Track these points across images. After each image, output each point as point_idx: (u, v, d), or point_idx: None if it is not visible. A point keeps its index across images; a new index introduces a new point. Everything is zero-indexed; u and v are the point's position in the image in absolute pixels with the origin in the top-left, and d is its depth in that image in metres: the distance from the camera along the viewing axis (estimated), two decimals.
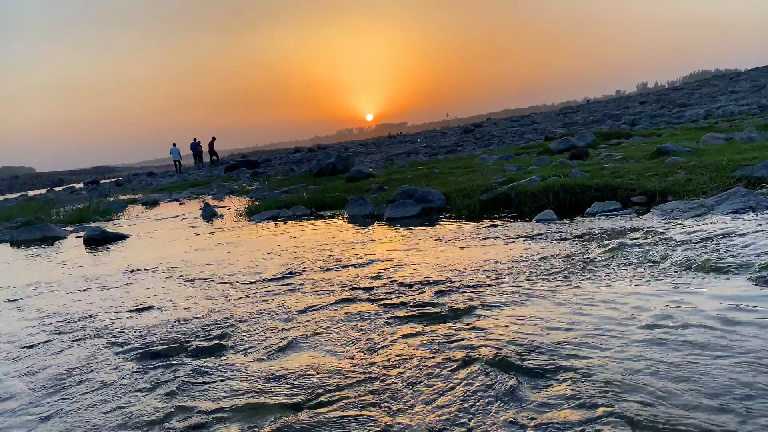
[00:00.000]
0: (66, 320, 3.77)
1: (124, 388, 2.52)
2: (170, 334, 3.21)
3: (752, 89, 28.90)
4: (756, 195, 4.70)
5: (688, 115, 19.98)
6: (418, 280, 3.80)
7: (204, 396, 2.34)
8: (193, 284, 4.44)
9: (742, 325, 2.39)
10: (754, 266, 3.09)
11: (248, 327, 3.18)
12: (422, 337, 2.72)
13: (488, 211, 6.40)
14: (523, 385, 2.12)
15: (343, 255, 4.94)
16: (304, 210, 8.37)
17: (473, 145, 22.05)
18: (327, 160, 14.87)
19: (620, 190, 5.84)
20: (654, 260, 3.55)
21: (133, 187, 26.04)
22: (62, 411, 2.35)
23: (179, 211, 11.30)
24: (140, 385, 2.53)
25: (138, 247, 6.85)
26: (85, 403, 2.39)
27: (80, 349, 3.14)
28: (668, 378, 2.01)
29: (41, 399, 2.50)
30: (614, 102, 44.89)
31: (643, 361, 2.16)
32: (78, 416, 2.28)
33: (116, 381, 2.60)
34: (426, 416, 1.97)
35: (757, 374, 1.96)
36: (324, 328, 3.03)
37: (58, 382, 2.66)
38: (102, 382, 2.61)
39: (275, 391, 2.31)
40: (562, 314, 2.79)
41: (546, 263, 3.85)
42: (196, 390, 2.40)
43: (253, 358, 2.71)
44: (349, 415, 2.05)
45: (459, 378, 2.24)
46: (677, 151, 7.33)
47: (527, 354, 2.36)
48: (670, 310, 2.65)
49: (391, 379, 2.30)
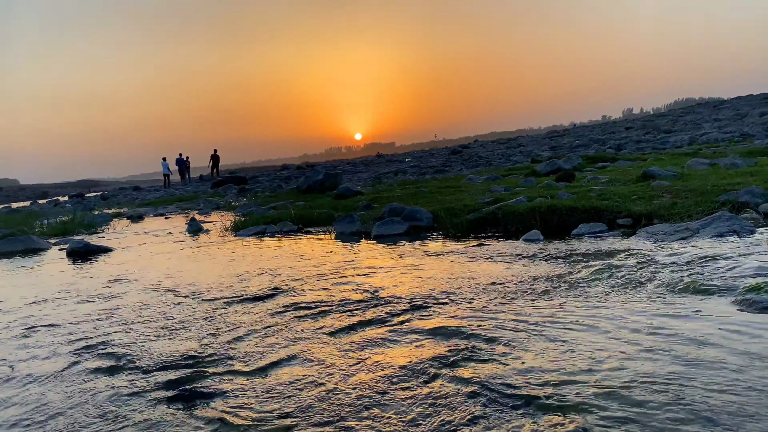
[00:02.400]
0: (32, 329, 3.69)
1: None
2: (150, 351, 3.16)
3: (735, 117, 29.46)
4: (740, 219, 4.76)
5: (673, 141, 20.29)
6: (398, 295, 3.77)
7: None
8: (175, 299, 4.38)
9: (719, 345, 2.40)
10: (738, 289, 3.11)
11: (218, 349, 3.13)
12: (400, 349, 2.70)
13: (475, 230, 6.41)
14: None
15: (328, 271, 4.90)
16: (291, 226, 8.33)
17: (461, 166, 22.18)
18: (315, 177, 14.87)
19: (606, 213, 5.88)
20: (640, 281, 3.56)
21: (118, 201, 25.77)
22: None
23: (165, 226, 11.19)
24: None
25: (121, 261, 6.76)
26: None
27: (56, 359, 3.07)
28: (643, 390, 2.00)
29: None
30: (600, 127, 45.51)
31: (618, 374, 2.15)
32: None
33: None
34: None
35: (734, 390, 1.96)
36: (307, 351, 3.00)
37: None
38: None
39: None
40: (546, 332, 2.78)
41: (532, 283, 3.84)
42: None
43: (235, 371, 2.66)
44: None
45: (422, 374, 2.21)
46: (663, 175, 7.41)
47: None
48: (653, 329, 2.65)
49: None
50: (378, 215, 7.62)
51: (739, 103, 40.79)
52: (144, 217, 14.31)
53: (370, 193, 11.99)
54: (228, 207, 14.65)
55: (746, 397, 1.94)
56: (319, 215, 8.76)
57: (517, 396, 2.13)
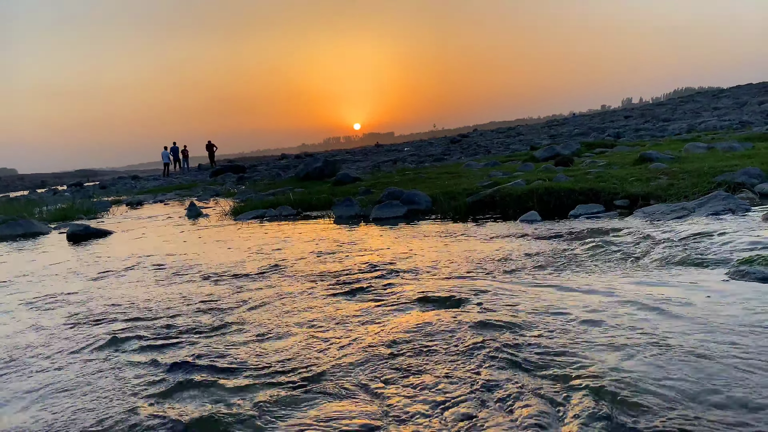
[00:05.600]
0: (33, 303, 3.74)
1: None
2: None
3: (734, 106, 29.43)
4: (736, 199, 4.79)
5: (672, 129, 20.28)
6: (396, 269, 3.82)
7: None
8: (177, 277, 4.42)
9: (707, 309, 2.44)
10: (732, 261, 3.15)
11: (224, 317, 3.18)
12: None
13: (474, 212, 6.44)
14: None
15: (327, 250, 4.95)
16: (290, 210, 8.36)
17: (460, 155, 22.16)
18: (314, 165, 14.87)
19: (603, 194, 5.91)
20: (635, 256, 3.60)
21: (117, 189, 25.74)
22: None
23: (164, 211, 11.22)
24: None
25: (122, 243, 6.80)
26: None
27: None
28: (625, 350, 2.05)
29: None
30: (599, 116, 45.41)
31: (610, 337, 2.20)
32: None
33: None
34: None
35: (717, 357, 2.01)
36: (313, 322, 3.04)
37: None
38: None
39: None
40: (543, 300, 2.82)
41: (530, 259, 3.88)
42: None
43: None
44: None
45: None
46: (660, 158, 7.44)
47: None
48: (646, 296, 2.70)
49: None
50: (377, 199, 7.65)
51: (739, 92, 40.72)
52: (143, 204, 14.33)
53: (368, 180, 12.00)
54: (227, 194, 14.67)
55: (727, 349, 2.00)
56: (317, 200, 8.79)
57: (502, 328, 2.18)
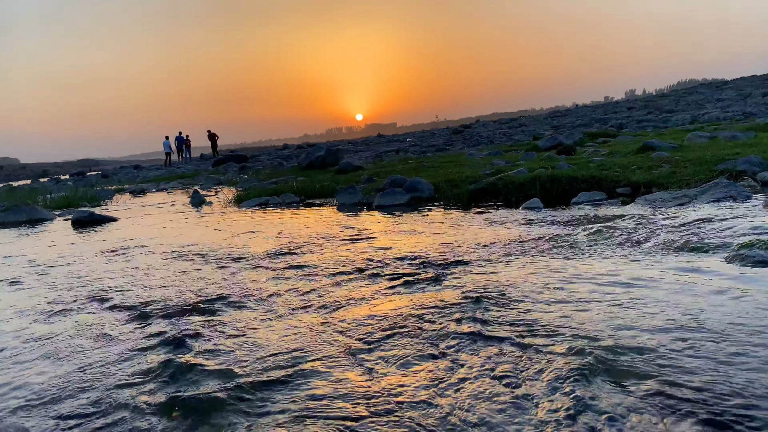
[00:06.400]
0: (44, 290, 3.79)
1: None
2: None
3: (737, 98, 29.34)
4: (737, 186, 4.83)
5: (675, 120, 20.25)
6: (408, 255, 3.86)
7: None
8: (183, 260, 4.47)
9: (707, 290, 2.49)
10: (732, 246, 3.19)
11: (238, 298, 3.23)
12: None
13: (476, 200, 6.48)
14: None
15: (330, 235, 4.99)
16: (294, 198, 8.41)
17: (462, 145, 22.15)
18: (316, 154, 14.89)
19: (606, 182, 5.95)
20: (637, 241, 3.64)
21: (119, 178, 25.75)
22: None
23: (167, 199, 11.27)
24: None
25: (127, 229, 6.85)
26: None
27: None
28: (625, 324, 2.10)
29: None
30: (602, 107, 45.28)
31: (608, 313, 2.25)
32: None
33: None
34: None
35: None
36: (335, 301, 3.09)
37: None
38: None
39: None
40: (548, 279, 2.87)
41: (533, 243, 3.93)
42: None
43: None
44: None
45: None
46: (662, 147, 7.46)
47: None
48: (646, 277, 2.74)
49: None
50: (379, 187, 7.68)
51: (743, 83, 40.56)
52: (146, 192, 14.38)
53: (371, 169, 12.03)
54: (230, 183, 14.71)
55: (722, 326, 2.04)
56: (320, 188, 8.83)
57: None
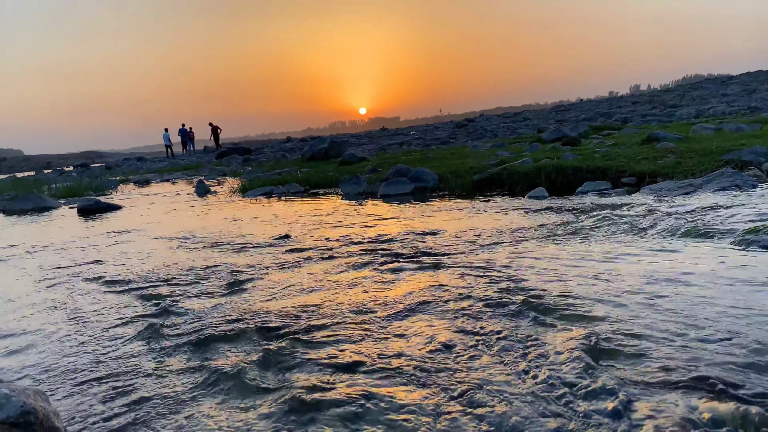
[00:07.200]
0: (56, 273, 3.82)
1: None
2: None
3: (743, 92, 29.23)
4: (743, 175, 4.83)
5: (679, 115, 20.17)
6: (400, 237, 3.88)
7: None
8: (191, 244, 4.50)
9: (713, 272, 2.50)
10: (737, 232, 3.20)
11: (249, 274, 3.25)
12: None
13: (481, 190, 6.49)
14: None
15: (335, 222, 5.02)
16: (298, 188, 8.42)
17: (466, 138, 22.10)
18: (320, 145, 14.89)
19: (611, 172, 5.95)
20: (642, 227, 3.65)
21: (123, 170, 25.78)
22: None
23: (172, 189, 11.30)
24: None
25: (132, 216, 6.88)
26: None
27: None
28: (635, 303, 2.12)
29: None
30: (607, 102, 45.13)
31: (613, 292, 2.26)
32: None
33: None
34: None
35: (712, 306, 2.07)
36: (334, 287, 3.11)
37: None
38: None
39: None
40: (554, 263, 2.88)
41: (540, 229, 3.94)
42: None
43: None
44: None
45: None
46: (668, 137, 7.45)
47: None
48: (652, 260, 2.76)
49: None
50: (384, 177, 7.70)
51: (748, 78, 40.36)
52: (150, 183, 14.42)
53: (375, 160, 12.03)
54: (233, 174, 14.72)
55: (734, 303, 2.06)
56: (325, 178, 8.84)
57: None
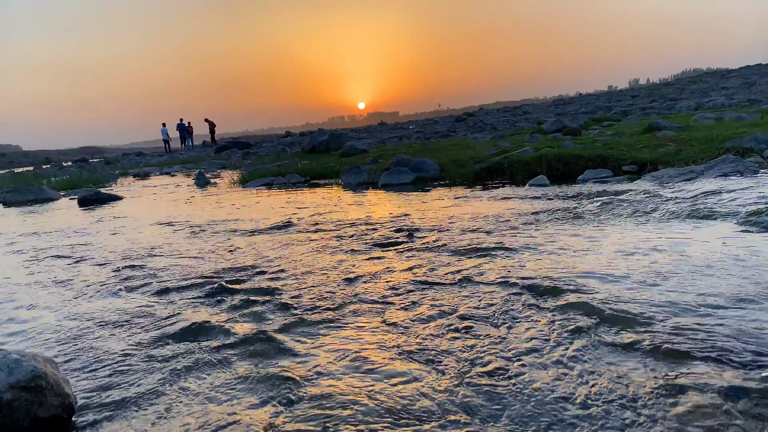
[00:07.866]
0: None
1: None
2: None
3: (743, 86, 29.16)
4: (744, 161, 4.83)
5: (679, 107, 20.12)
6: (419, 226, 3.89)
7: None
8: (196, 231, 4.50)
9: (716, 251, 2.51)
10: (740, 214, 3.20)
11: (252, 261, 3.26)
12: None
13: (482, 179, 6.49)
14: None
15: (337, 210, 5.02)
16: (299, 178, 8.42)
17: (466, 131, 22.06)
18: (320, 138, 14.88)
19: (612, 160, 5.95)
20: (645, 211, 3.66)
21: (122, 165, 25.72)
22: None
23: (172, 181, 11.29)
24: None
25: (133, 206, 6.88)
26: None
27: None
28: (639, 280, 2.12)
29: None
30: (606, 95, 45.06)
31: (621, 270, 2.27)
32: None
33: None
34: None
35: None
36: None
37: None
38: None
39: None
40: (562, 242, 2.89)
41: (540, 214, 3.95)
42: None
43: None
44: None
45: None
46: (668, 126, 7.45)
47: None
48: (656, 240, 2.77)
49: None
50: (385, 167, 7.69)
51: (748, 72, 40.27)
52: (150, 175, 14.41)
53: (375, 152, 12.02)
54: (233, 167, 14.70)
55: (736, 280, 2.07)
56: (325, 169, 8.83)
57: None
